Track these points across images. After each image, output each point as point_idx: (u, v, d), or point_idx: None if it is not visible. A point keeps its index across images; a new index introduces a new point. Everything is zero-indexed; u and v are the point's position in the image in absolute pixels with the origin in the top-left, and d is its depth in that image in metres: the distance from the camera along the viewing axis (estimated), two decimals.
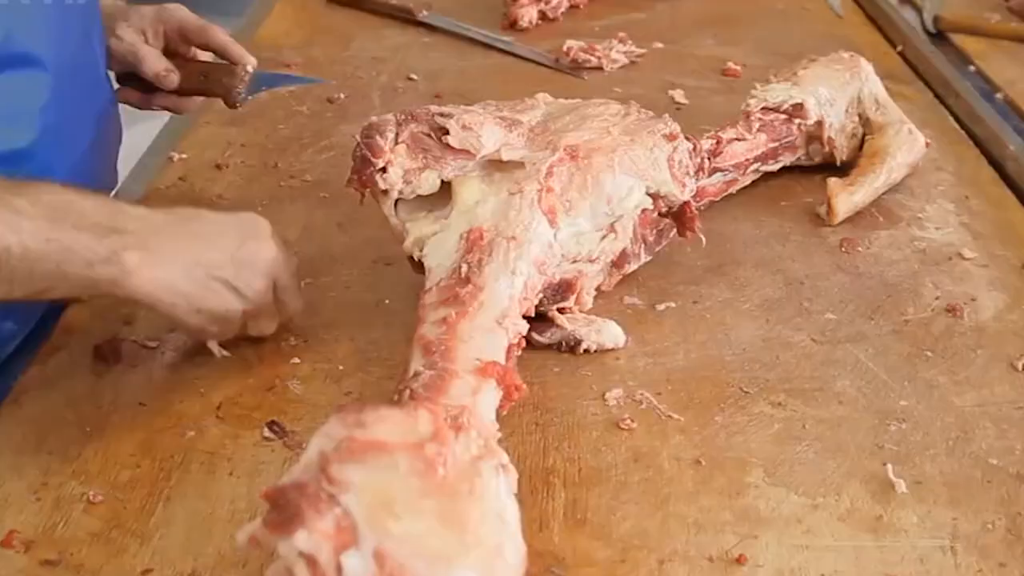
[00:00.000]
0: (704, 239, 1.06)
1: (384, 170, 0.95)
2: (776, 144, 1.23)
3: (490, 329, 0.83)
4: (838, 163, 1.26)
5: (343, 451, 0.59)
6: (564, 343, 0.97)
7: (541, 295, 0.92)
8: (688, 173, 1.02)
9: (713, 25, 1.73)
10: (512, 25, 1.69)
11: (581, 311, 1.00)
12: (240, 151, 1.33)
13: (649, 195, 1.00)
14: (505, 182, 0.94)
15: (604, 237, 0.98)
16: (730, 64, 1.56)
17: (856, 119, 1.27)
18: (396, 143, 0.95)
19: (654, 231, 1.07)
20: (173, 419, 0.89)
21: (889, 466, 0.85)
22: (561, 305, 0.98)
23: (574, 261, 0.96)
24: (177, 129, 1.39)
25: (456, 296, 0.85)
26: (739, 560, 0.77)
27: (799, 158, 1.26)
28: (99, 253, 0.82)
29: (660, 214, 1.04)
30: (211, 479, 0.84)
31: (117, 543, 0.78)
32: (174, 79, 1.17)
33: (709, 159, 1.11)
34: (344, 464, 0.59)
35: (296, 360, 0.96)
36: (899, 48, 1.64)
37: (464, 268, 0.88)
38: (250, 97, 1.20)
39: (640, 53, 1.59)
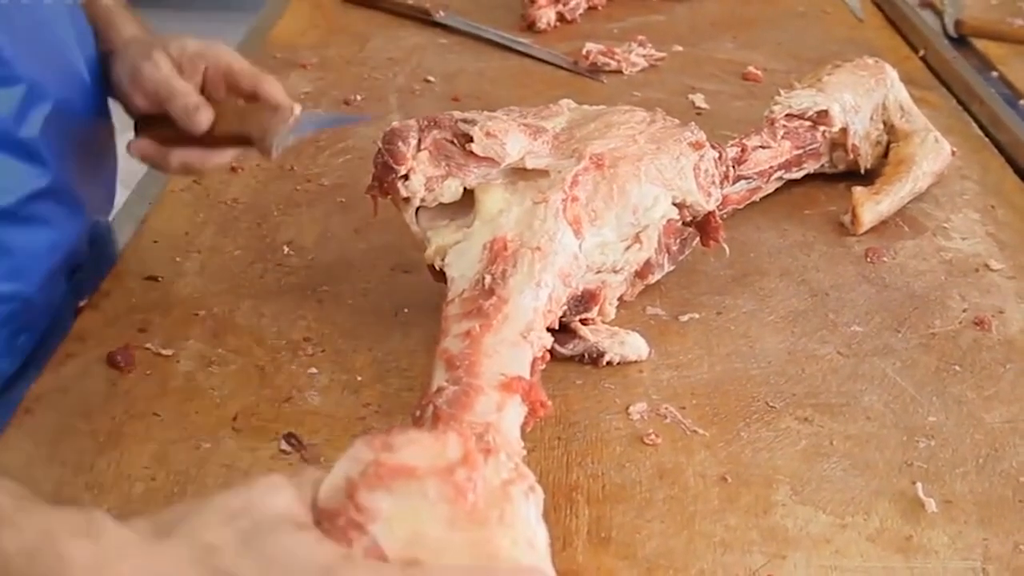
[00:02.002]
0: (728, 248, 1.04)
1: (406, 177, 0.93)
2: (800, 151, 1.21)
3: (515, 343, 0.82)
4: (862, 171, 1.24)
5: (371, 476, 0.57)
6: (587, 355, 0.95)
7: (564, 307, 0.91)
8: (713, 182, 1.00)
9: (732, 28, 1.71)
10: (530, 27, 1.67)
11: (604, 322, 0.98)
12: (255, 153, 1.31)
13: (675, 205, 0.97)
14: (529, 191, 0.92)
15: (629, 248, 0.95)
16: (750, 68, 1.54)
17: (881, 126, 1.26)
18: (419, 150, 0.93)
19: (678, 240, 1.05)
20: (188, 430, 0.88)
21: (919, 484, 0.83)
22: (583, 316, 0.96)
23: (598, 272, 0.95)
24: None
25: (480, 308, 0.83)
26: None
27: (823, 165, 1.24)
28: None
29: (684, 223, 1.02)
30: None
31: None
32: (206, 116, 0.98)
33: (734, 167, 1.09)
34: (372, 491, 0.57)
35: (313, 370, 0.94)
36: (921, 53, 1.62)
37: (488, 279, 0.85)
38: (289, 140, 1.00)
39: (659, 57, 1.57)
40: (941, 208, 1.21)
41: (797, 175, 1.23)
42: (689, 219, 1.01)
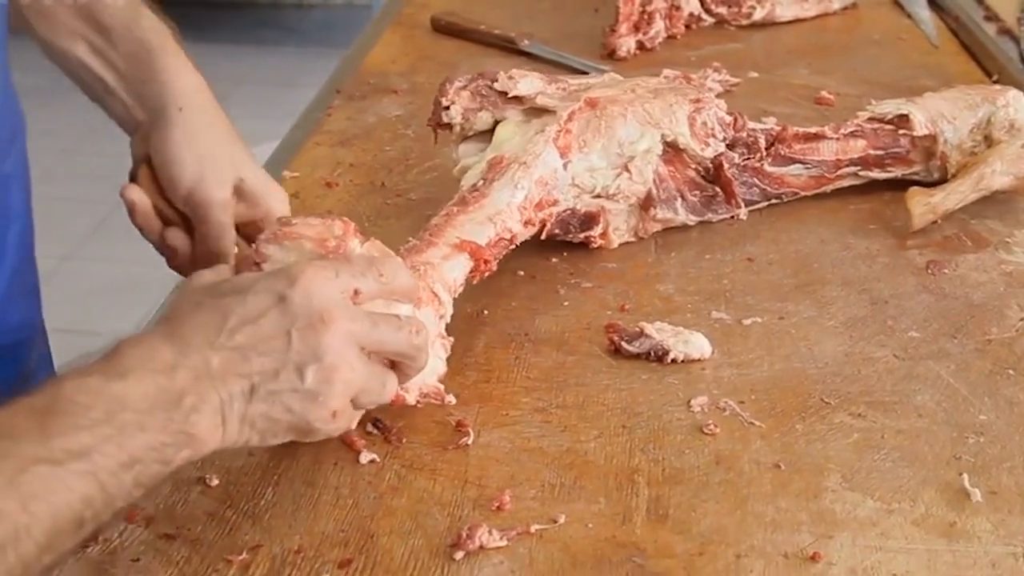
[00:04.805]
0: (745, 211, 1.24)
1: (448, 108, 1.20)
2: (881, 152, 1.29)
3: (480, 222, 1.05)
4: (948, 178, 1.28)
5: (270, 235, 0.86)
6: (652, 352, 1.02)
7: (562, 220, 1.14)
8: (713, 135, 1.21)
9: (808, 55, 1.76)
10: (611, 54, 1.74)
11: (608, 248, 1.19)
12: (349, 170, 1.40)
13: (667, 144, 1.19)
14: (536, 125, 1.16)
15: (619, 176, 1.17)
16: (823, 93, 1.59)
17: (980, 139, 1.30)
18: (463, 89, 1.20)
19: (699, 194, 1.22)
20: None
21: (965, 476, 0.88)
22: (587, 234, 1.18)
23: (596, 196, 1.17)
24: (289, 150, 1.47)
25: (463, 199, 1.08)
26: (813, 558, 0.80)
27: (917, 173, 1.31)
28: (167, 440, 0.71)
29: (704, 178, 1.22)
30: (318, 468, 0.90)
31: (230, 521, 0.84)
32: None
33: (769, 142, 1.26)
34: (268, 244, 0.85)
35: None
36: (994, 78, 1.65)
37: (480, 184, 1.10)
38: None
39: (735, 82, 1.62)
40: (1005, 224, 1.25)
41: (881, 176, 1.30)
42: (701, 171, 1.22)
